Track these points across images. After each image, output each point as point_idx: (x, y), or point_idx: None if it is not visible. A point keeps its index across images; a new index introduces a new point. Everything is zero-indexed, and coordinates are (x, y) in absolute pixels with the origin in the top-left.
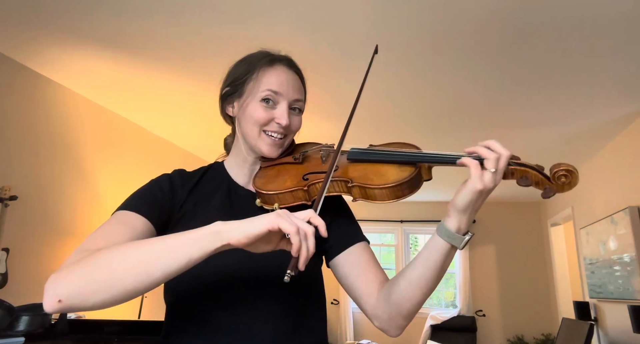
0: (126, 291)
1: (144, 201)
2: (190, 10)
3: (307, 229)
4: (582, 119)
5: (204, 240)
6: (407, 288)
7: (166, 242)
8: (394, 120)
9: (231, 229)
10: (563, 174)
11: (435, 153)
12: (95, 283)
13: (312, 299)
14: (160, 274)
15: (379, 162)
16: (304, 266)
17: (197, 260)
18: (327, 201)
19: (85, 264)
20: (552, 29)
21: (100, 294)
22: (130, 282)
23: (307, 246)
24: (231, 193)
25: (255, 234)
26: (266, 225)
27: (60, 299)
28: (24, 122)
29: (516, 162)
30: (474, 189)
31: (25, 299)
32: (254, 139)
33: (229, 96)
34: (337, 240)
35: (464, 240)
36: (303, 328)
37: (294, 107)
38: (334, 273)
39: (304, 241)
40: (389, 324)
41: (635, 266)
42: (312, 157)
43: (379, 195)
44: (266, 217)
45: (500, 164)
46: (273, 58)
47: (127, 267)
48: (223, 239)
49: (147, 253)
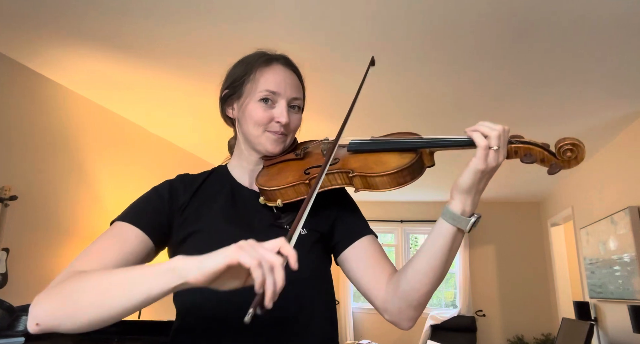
0: (90, 322)
1: (141, 212)
2: (190, 10)
3: (274, 261)
4: (582, 119)
5: (162, 278)
6: (415, 277)
7: (127, 275)
8: (392, 118)
9: (188, 266)
10: (569, 148)
11: (436, 137)
12: (64, 311)
13: (321, 301)
14: (119, 308)
15: (379, 152)
16: (271, 303)
17: (157, 297)
18: (331, 195)
19: (59, 291)
20: (552, 29)
21: (69, 322)
22: (93, 314)
23: (274, 279)
24: (235, 194)
25: (213, 271)
26: (224, 260)
27: (37, 323)
28: (24, 122)
29: (519, 140)
30: (478, 168)
31: (25, 299)
32: (256, 138)
33: (228, 98)
34: (344, 235)
35: (469, 222)
36: (311, 329)
37: (293, 105)
38: (342, 268)
39: (268, 274)
40: (399, 316)
41: (635, 266)
42: (314, 152)
43: (381, 183)
44: (225, 251)
45: (502, 141)
46: (269, 58)
47: (90, 299)
48: (180, 277)
49: (108, 287)
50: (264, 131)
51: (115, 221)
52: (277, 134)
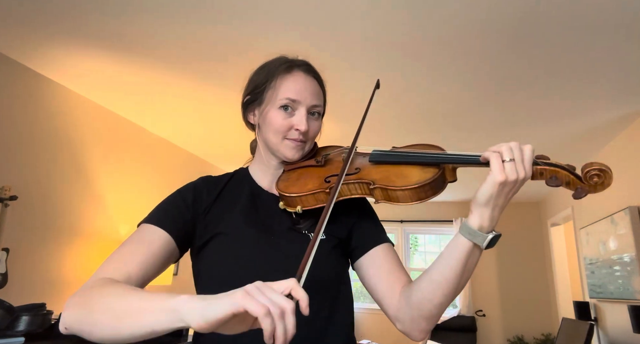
0: (103, 339)
1: (166, 214)
2: (194, 11)
3: (285, 306)
4: (582, 119)
5: (166, 316)
6: (428, 287)
7: (138, 305)
8: (392, 121)
9: (191, 310)
10: (595, 173)
11: (458, 154)
12: (85, 323)
13: (339, 305)
14: (128, 336)
15: (401, 164)
16: None
17: (162, 333)
18: (350, 202)
19: (83, 301)
20: (552, 28)
21: (87, 335)
22: (107, 334)
23: (284, 327)
24: (255, 197)
25: (216, 320)
26: (230, 308)
27: (65, 327)
28: (25, 122)
29: (545, 161)
30: (495, 181)
31: (25, 299)
32: (276, 145)
33: (250, 104)
34: (360, 242)
35: (486, 238)
36: (329, 333)
37: (313, 112)
38: (357, 275)
39: (278, 322)
40: (411, 327)
41: (635, 266)
42: (334, 160)
43: (402, 197)
44: (231, 297)
45: (516, 154)
46: (291, 65)
47: (104, 320)
48: (182, 321)
49: (120, 314)
50: (283, 139)
51: (142, 223)
52: (296, 142)
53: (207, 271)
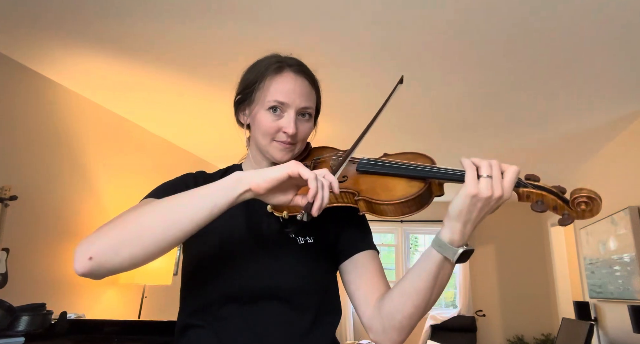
0: (156, 241)
1: (167, 191)
2: (195, 12)
3: (324, 180)
4: (582, 119)
5: (227, 187)
6: (399, 298)
7: (191, 192)
8: (391, 122)
9: (253, 174)
10: (584, 200)
11: (446, 169)
12: (125, 235)
13: (325, 307)
14: (187, 222)
15: (388, 176)
16: (317, 212)
17: (221, 208)
18: (339, 209)
19: (114, 223)
20: (552, 28)
21: (130, 247)
22: (159, 232)
23: (323, 195)
24: None
25: (275, 178)
26: (286, 170)
27: (91, 256)
28: (26, 122)
29: (533, 183)
30: (466, 193)
31: (25, 299)
32: (264, 146)
33: (240, 103)
34: (345, 246)
35: (456, 253)
36: (314, 335)
37: (303, 113)
38: (341, 279)
39: (320, 189)
40: (383, 337)
41: (635, 266)
42: (324, 165)
43: (385, 210)
44: (287, 165)
45: (495, 172)
46: (281, 65)
47: (156, 218)
48: (245, 183)
49: (173, 204)
50: (272, 141)
51: (146, 198)
52: (284, 144)
53: (195, 265)
